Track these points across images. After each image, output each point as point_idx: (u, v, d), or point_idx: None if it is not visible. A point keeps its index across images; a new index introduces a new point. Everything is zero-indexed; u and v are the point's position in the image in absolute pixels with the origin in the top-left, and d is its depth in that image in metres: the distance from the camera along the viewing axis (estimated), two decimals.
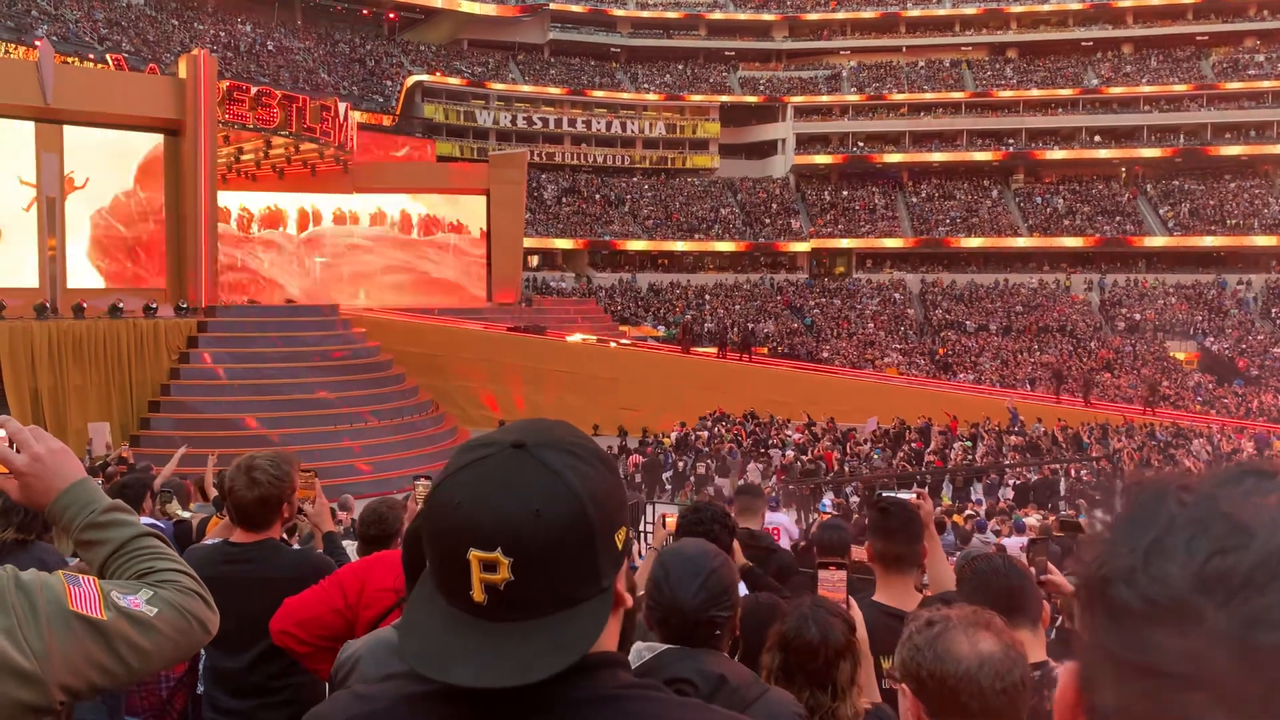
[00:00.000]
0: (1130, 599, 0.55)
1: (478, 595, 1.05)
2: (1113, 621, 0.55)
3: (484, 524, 1.04)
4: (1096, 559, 0.59)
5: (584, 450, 1.13)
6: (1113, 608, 0.56)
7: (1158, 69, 52.88)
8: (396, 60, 51.64)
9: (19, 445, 1.72)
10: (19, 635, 1.47)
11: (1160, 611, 0.53)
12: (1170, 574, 0.54)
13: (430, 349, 32.84)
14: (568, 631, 1.06)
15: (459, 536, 1.05)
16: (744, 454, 25.64)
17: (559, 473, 1.08)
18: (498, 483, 1.07)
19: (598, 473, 1.11)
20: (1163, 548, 0.55)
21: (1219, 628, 0.51)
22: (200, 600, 1.70)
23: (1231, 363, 39.87)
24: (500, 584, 1.04)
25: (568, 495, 1.07)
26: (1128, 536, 0.57)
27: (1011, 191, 52.82)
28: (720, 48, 58.34)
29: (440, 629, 1.07)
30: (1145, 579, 0.54)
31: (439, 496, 1.10)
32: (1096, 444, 27.24)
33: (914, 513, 3.42)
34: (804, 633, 2.54)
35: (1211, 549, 0.53)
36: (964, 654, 1.69)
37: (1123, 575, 0.56)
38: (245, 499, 3.28)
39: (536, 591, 1.05)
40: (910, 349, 42.67)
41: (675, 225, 50.91)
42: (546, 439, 1.12)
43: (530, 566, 1.04)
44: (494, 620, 1.05)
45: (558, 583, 1.06)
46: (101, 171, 26.69)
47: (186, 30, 41.25)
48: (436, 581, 1.10)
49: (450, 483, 1.09)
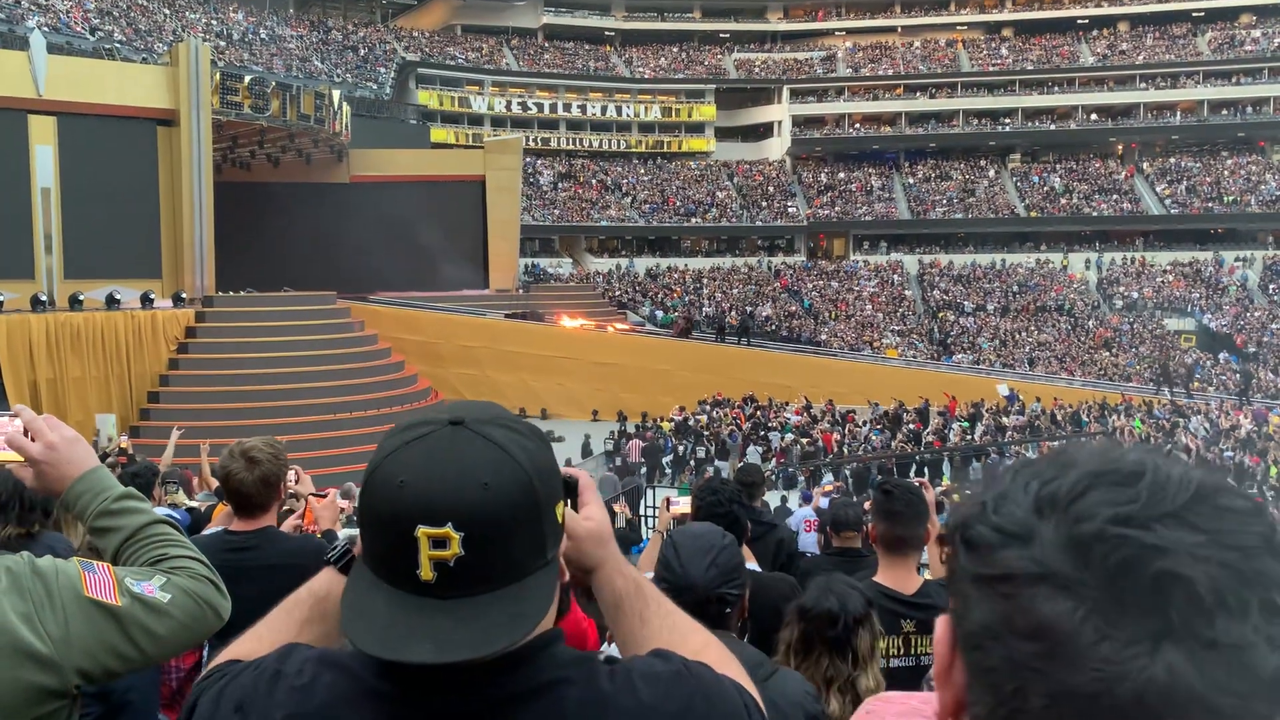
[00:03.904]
0: (984, 533, 0.66)
1: (426, 573, 1.03)
2: (971, 552, 0.66)
3: (432, 500, 1.03)
4: (954, 516, 0.70)
5: (520, 425, 1.14)
6: (971, 542, 0.67)
7: (1153, 46, 52.72)
8: (390, 47, 51.42)
9: (33, 433, 1.74)
10: (36, 620, 1.49)
11: (1007, 536, 0.64)
12: (1013, 510, 0.65)
13: (428, 337, 32.87)
14: (520, 602, 1.06)
15: (406, 514, 1.04)
16: (743, 437, 25.71)
17: (503, 446, 1.08)
18: (442, 458, 1.06)
19: (537, 447, 1.12)
20: (1006, 493, 0.67)
21: (1051, 534, 0.63)
22: (212, 586, 1.72)
23: (1229, 339, 39.90)
24: (451, 559, 1.03)
25: (514, 467, 1.07)
26: (981, 493, 0.69)
27: (1008, 171, 52.75)
28: (715, 30, 58.12)
29: (389, 611, 1.05)
30: (994, 517, 0.66)
31: (379, 476, 1.08)
32: (1095, 423, 27.29)
33: (917, 495, 3.43)
34: (822, 602, 2.60)
35: (1042, 481, 0.66)
36: None
37: (977, 518, 0.67)
38: (246, 480, 3.25)
39: (487, 565, 1.05)
40: (909, 330, 42.70)
41: (672, 209, 50.83)
42: (485, 415, 1.12)
43: (481, 540, 1.04)
44: (442, 598, 1.04)
45: (507, 555, 1.06)
46: (95, 163, 26.58)
47: (178, 19, 41.04)
48: (376, 565, 1.09)
49: (390, 462, 1.08)
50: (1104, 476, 0.64)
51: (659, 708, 1.11)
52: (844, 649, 2.59)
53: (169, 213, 28.46)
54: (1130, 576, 0.59)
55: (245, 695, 1.13)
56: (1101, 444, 0.68)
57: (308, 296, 29.60)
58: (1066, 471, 0.65)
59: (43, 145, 25.83)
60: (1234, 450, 23.57)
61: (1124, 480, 0.63)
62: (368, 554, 1.11)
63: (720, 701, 1.15)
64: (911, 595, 3.33)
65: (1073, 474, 0.65)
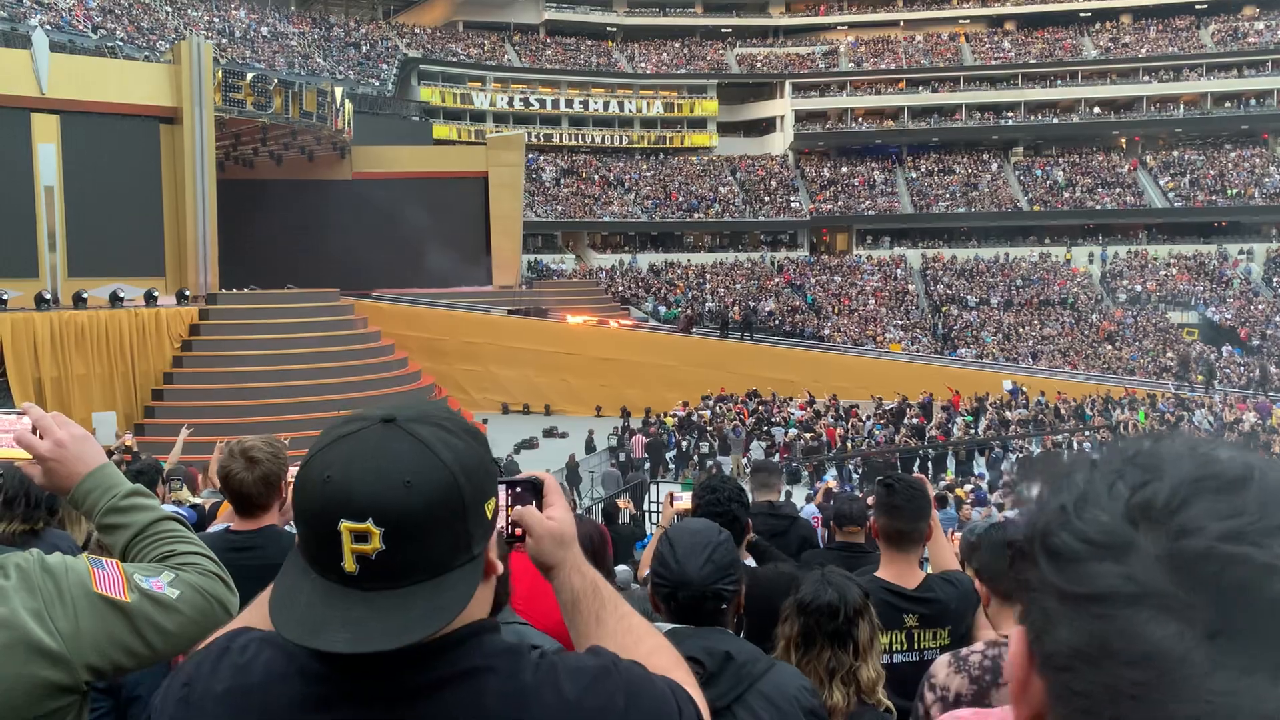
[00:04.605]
0: (1070, 543, 0.60)
1: (349, 565, 1.07)
2: (1057, 564, 0.61)
3: (355, 495, 1.07)
4: (1030, 521, 0.65)
5: (453, 424, 1.16)
6: (1055, 554, 0.61)
7: (1156, 39, 52.58)
8: (392, 43, 51.39)
9: (42, 431, 1.75)
10: (46, 617, 1.50)
11: (1097, 548, 0.59)
12: (1100, 517, 0.60)
13: (431, 333, 32.89)
14: (441, 596, 1.10)
15: (329, 508, 1.08)
16: (747, 433, 25.72)
17: (429, 445, 1.11)
18: (368, 455, 1.10)
19: (467, 445, 1.15)
20: (1087, 498, 0.62)
21: (1150, 548, 0.57)
22: (221, 582, 1.74)
23: (1233, 332, 39.82)
24: (372, 554, 1.07)
25: (438, 466, 1.10)
26: (1054, 498, 0.64)
27: (1011, 165, 52.65)
28: (717, 25, 58.01)
29: (311, 600, 1.10)
30: (1079, 523, 0.61)
31: (308, 472, 1.12)
32: (1099, 416, 27.29)
33: (919, 490, 3.43)
34: (821, 595, 2.62)
35: (1132, 486, 0.60)
36: None
37: (1059, 525, 0.62)
38: (246, 481, 3.24)
39: (408, 560, 1.08)
40: (912, 325, 42.66)
41: (675, 204, 50.80)
42: (416, 414, 1.15)
43: (401, 535, 1.07)
44: (366, 590, 1.08)
45: (429, 551, 1.09)
46: (98, 161, 26.60)
47: (180, 17, 41.03)
48: (305, 554, 1.13)
49: (320, 458, 1.12)
50: (1204, 483, 0.59)
51: (580, 702, 1.14)
52: (845, 641, 2.60)
53: (172, 210, 28.48)
54: (1246, 600, 0.54)
55: (193, 671, 1.20)
56: (1186, 439, 0.64)
57: (311, 294, 29.62)
58: (1158, 474, 0.60)
59: (46, 143, 25.84)
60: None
61: (1227, 487, 0.58)
62: (299, 544, 1.15)
63: (646, 699, 1.17)
64: (914, 590, 3.33)
65: (1168, 479, 0.60)
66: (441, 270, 35.93)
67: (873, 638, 2.65)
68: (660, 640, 1.34)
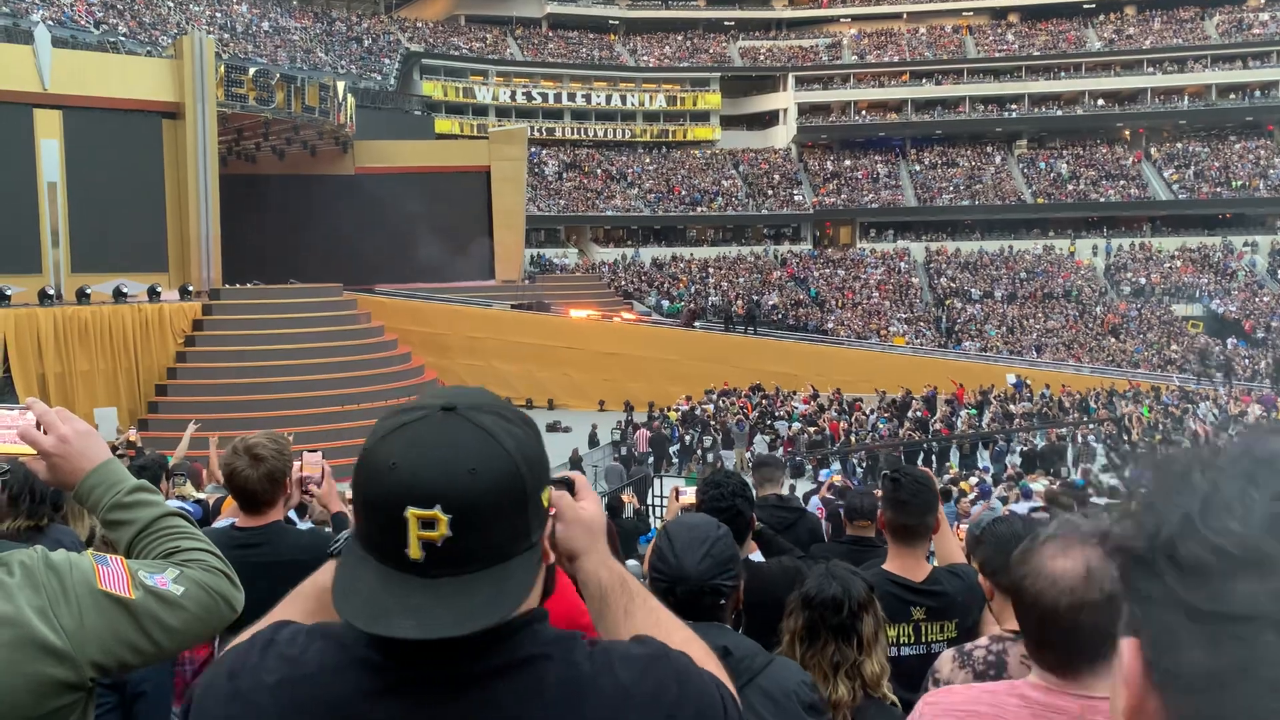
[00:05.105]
0: (1199, 554, 0.54)
1: (414, 552, 1.08)
2: (1187, 579, 0.55)
3: (421, 482, 1.08)
4: (1148, 527, 0.58)
5: (511, 413, 1.18)
6: (1184, 567, 0.55)
7: (1161, 30, 52.40)
8: (394, 38, 51.34)
9: (46, 427, 1.74)
10: (50, 614, 1.50)
11: (1234, 561, 0.53)
12: (1232, 526, 0.54)
13: (434, 328, 32.91)
14: (503, 584, 1.11)
15: (395, 495, 1.08)
16: (750, 427, 25.72)
17: (492, 433, 1.12)
18: (433, 443, 1.11)
19: (526, 434, 1.16)
20: (1213, 505, 0.55)
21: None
22: (225, 579, 1.73)
23: (1237, 325, 39.75)
24: (438, 540, 1.07)
25: (502, 455, 1.11)
26: (1173, 502, 0.57)
27: (1015, 157, 52.53)
28: (720, 18, 57.90)
29: (377, 587, 1.10)
30: (1209, 533, 0.55)
31: (372, 459, 1.13)
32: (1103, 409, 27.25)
33: (926, 483, 3.42)
34: (826, 589, 2.62)
35: (1271, 494, 0.54)
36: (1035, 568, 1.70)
37: (1186, 532, 0.56)
38: (251, 478, 3.23)
39: (472, 547, 1.09)
40: (916, 318, 42.62)
41: (677, 198, 50.74)
42: (476, 402, 1.16)
43: (467, 523, 1.08)
44: (429, 576, 1.09)
45: (492, 538, 1.11)
46: (101, 156, 26.61)
47: (182, 12, 41.00)
48: (367, 542, 1.13)
49: (383, 445, 1.12)
50: None
51: (635, 689, 1.15)
52: (849, 634, 2.61)
53: (175, 206, 28.48)
54: None
55: (238, 662, 1.19)
56: None
57: (314, 288, 29.64)
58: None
59: (48, 139, 25.85)
60: None
61: None
62: (359, 532, 1.16)
63: (696, 689, 1.19)
64: (920, 582, 3.33)
65: None
66: (444, 265, 35.92)
67: (877, 632, 2.65)
68: (690, 633, 1.35)
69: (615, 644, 1.22)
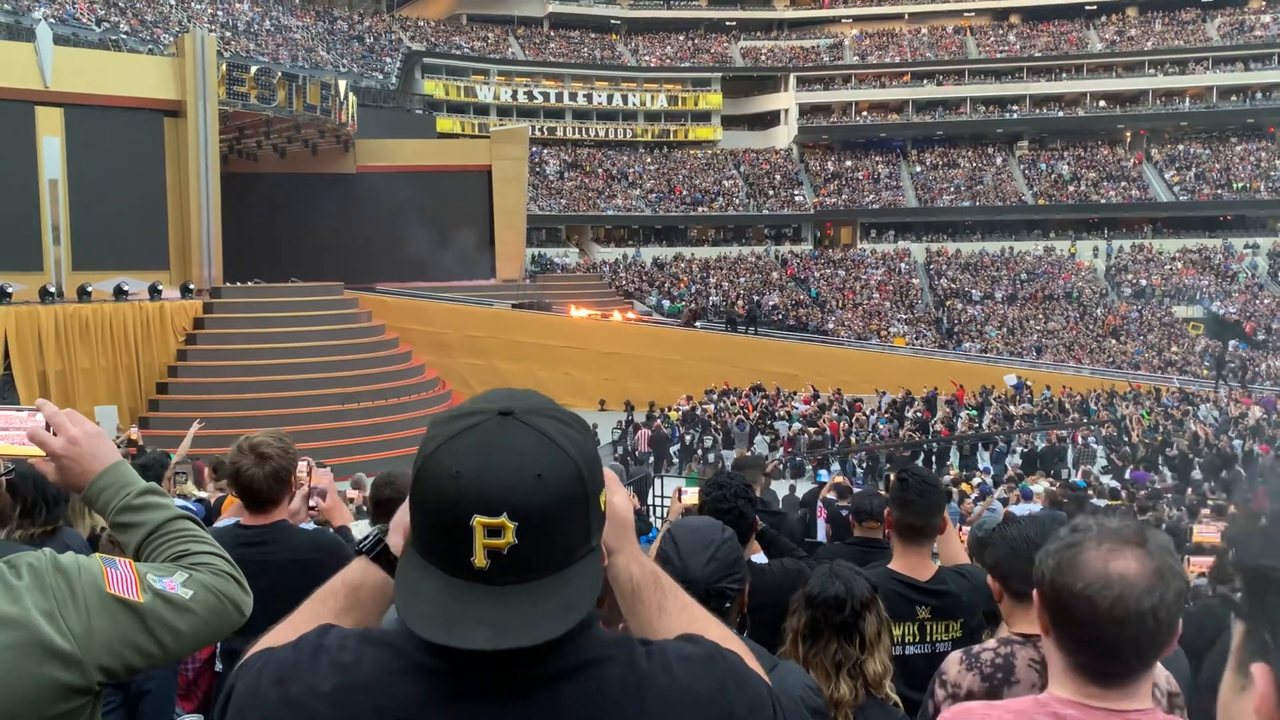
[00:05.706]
0: None
1: (480, 560, 1.07)
2: None
3: (488, 490, 1.07)
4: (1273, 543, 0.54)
5: (566, 416, 1.17)
6: None
7: (1162, 32, 52.39)
8: (395, 36, 51.33)
9: (55, 428, 1.74)
10: (59, 617, 1.49)
11: None
12: None
13: (435, 327, 32.90)
14: (570, 590, 1.10)
15: (462, 503, 1.07)
16: (751, 427, 25.71)
17: (552, 438, 1.11)
18: (496, 449, 1.09)
19: (583, 437, 1.16)
20: None
21: None
22: (234, 582, 1.73)
23: (1238, 327, 39.74)
24: (504, 548, 1.06)
25: (564, 459, 1.11)
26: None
27: (1016, 158, 52.52)
28: (721, 18, 57.88)
29: (443, 597, 1.08)
30: None
31: (434, 466, 1.11)
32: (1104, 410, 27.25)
33: (933, 484, 3.42)
34: (829, 588, 2.62)
35: None
36: (1089, 571, 1.52)
37: None
38: (257, 476, 3.23)
39: (537, 554, 1.08)
40: (916, 319, 42.62)
41: (679, 198, 50.74)
42: (532, 406, 1.15)
43: (533, 529, 1.07)
44: (495, 585, 1.08)
45: (556, 544, 1.10)
46: (102, 154, 26.61)
47: (184, 10, 40.98)
48: (429, 551, 1.12)
49: (444, 452, 1.11)
50: None
51: (693, 688, 1.15)
52: (851, 633, 2.61)
53: (176, 204, 28.46)
54: None
55: (286, 669, 1.16)
56: None
57: (315, 287, 29.62)
58: None
59: (50, 137, 25.84)
60: (1242, 438, 23.51)
61: None
62: (419, 540, 1.14)
63: (751, 689, 1.19)
64: (926, 582, 3.34)
65: None
66: (445, 264, 35.94)
67: (880, 631, 2.65)
68: (725, 631, 1.34)
69: (669, 644, 1.21)
